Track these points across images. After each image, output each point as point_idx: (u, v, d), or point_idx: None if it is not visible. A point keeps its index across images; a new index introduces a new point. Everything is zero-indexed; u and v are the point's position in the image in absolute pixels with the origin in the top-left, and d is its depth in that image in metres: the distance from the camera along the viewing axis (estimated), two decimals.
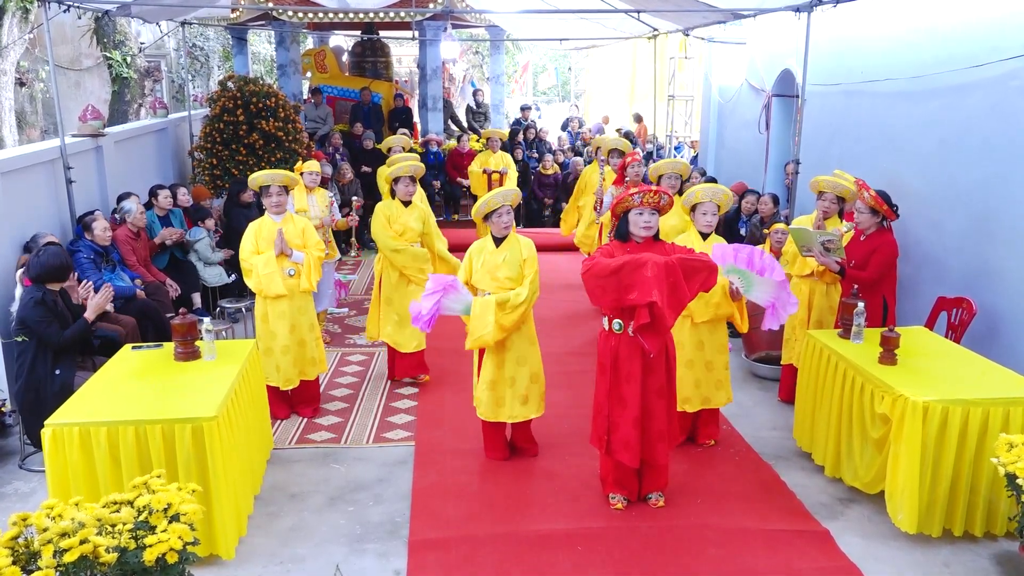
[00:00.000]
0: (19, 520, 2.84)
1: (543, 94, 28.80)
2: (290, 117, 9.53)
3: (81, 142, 7.45)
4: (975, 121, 5.71)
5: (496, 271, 4.72)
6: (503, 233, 4.77)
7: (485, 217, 4.77)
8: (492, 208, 4.72)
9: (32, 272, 4.91)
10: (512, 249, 4.75)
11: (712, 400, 5.09)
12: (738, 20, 8.84)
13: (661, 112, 12.86)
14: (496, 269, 4.72)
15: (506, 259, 4.73)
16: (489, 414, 4.85)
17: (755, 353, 6.52)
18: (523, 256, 4.74)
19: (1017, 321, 5.24)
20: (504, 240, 4.77)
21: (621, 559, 3.97)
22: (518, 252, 4.75)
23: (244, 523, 4.17)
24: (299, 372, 5.55)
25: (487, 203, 4.72)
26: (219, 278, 7.70)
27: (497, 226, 4.75)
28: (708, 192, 5.00)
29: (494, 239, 4.80)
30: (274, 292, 5.36)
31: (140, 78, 16.71)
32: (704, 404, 5.08)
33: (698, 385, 5.03)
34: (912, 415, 4.01)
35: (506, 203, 4.74)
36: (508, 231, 4.77)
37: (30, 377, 4.84)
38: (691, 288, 4.03)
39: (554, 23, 12.14)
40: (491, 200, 4.72)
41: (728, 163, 11.19)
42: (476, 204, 4.82)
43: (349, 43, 16.88)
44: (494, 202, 4.71)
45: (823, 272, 5.50)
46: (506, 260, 4.72)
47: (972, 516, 4.13)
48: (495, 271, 4.72)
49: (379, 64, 14.24)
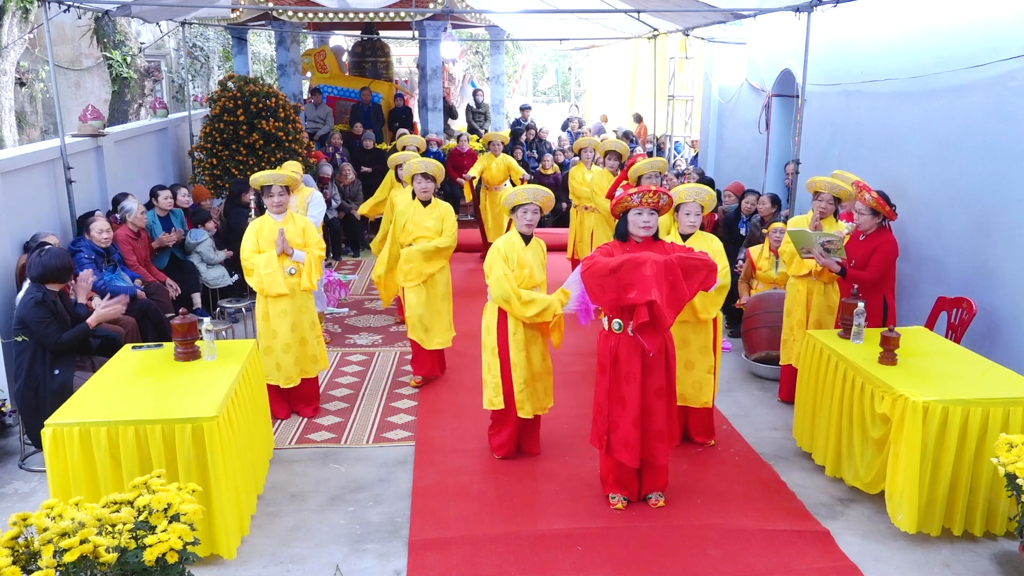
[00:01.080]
0: (19, 520, 2.84)
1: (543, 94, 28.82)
2: (290, 117, 9.52)
3: (81, 142, 7.45)
4: (975, 121, 5.71)
5: (530, 268, 4.80)
6: (525, 230, 4.83)
7: (512, 209, 4.82)
8: (521, 201, 4.78)
9: (33, 272, 4.90)
10: (536, 249, 4.89)
11: (689, 399, 5.05)
12: (738, 20, 8.84)
13: (661, 112, 12.86)
14: (529, 266, 4.80)
15: (533, 256, 4.84)
16: (530, 411, 4.86)
17: (755, 353, 6.52)
18: (544, 256, 4.92)
19: (1017, 321, 5.24)
20: (531, 239, 4.87)
21: (621, 559, 3.97)
22: (540, 252, 4.90)
23: (247, 523, 4.17)
24: (300, 371, 5.57)
25: (517, 195, 4.80)
26: (222, 280, 7.70)
27: (520, 221, 4.81)
28: (691, 192, 5.00)
29: (522, 236, 4.84)
30: (276, 291, 5.38)
31: (140, 78, 16.71)
32: (680, 402, 4.98)
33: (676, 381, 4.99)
34: (912, 415, 4.01)
35: (535, 202, 4.79)
36: (531, 230, 4.84)
37: (29, 377, 4.84)
38: (691, 287, 4.04)
39: (554, 23, 12.14)
40: (522, 193, 4.80)
41: (728, 163, 11.19)
42: (506, 193, 4.97)
43: (349, 43, 16.89)
44: (524, 196, 4.79)
45: (820, 272, 5.50)
46: (534, 257, 4.84)
47: (972, 516, 4.13)
48: (529, 268, 4.80)
49: (379, 64, 14.25)
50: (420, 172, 6.05)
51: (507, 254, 4.75)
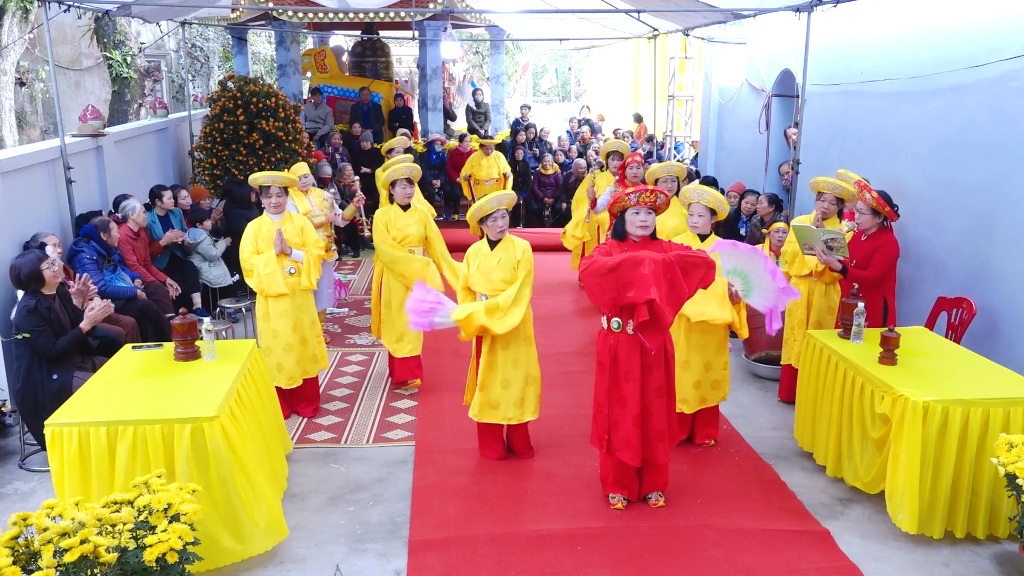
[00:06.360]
0: (19, 520, 2.84)
1: (543, 94, 28.82)
2: (290, 117, 9.52)
3: (81, 142, 7.45)
4: (975, 121, 5.71)
5: (491, 273, 4.75)
6: (498, 236, 4.80)
7: (480, 221, 4.79)
8: (487, 212, 4.75)
9: (13, 283, 4.92)
10: (506, 251, 4.78)
11: (709, 400, 5.10)
12: (738, 20, 8.84)
13: (661, 112, 12.87)
14: (491, 271, 4.75)
15: (500, 261, 4.75)
16: (481, 415, 4.85)
17: (755, 353, 6.52)
18: (516, 258, 4.76)
19: (1017, 321, 5.24)
20: (499, 243, 4.80)
21: (621, 559, 3.97)
22: (512, 254, 4.77)
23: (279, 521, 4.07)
24: (302, 371, 5.57)
25: (482, 208, 4.76)
26: (223, 279, 7.70)
27: (492, 230, 4.79)
28: (695, 194, 5.02)
29: (489, 242, 4.82)
30: (275, 291, 5.38)
31: (140, 78, 16.70)
32: (702, 404, 5.09)
33: (697, 386, 5.03)
34: (912, 415, 4.01)
35: (501, 207, 4.77)
36: (503, 235, 4.80)
37: (27, 381, 4.84)
38: (690, 285, 4.04)
39: (554, 23, 12.14)
40: (486, 205, 4.75)
41: (728, 163, 11.19)
42: (471, 208, 4.83)
43: (349, 43, 16.89)
44: (489, 207, 4.75)
45: (822, 272, 5.50)
46: (500, 262, 4.75)
47: (974, 518, 4.12)
48: (490, 273, 4.75)
49: (379, 64, 14.25)
50: (404, 177, 5.96)
51: (469, 259, 4.83)
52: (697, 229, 5.00)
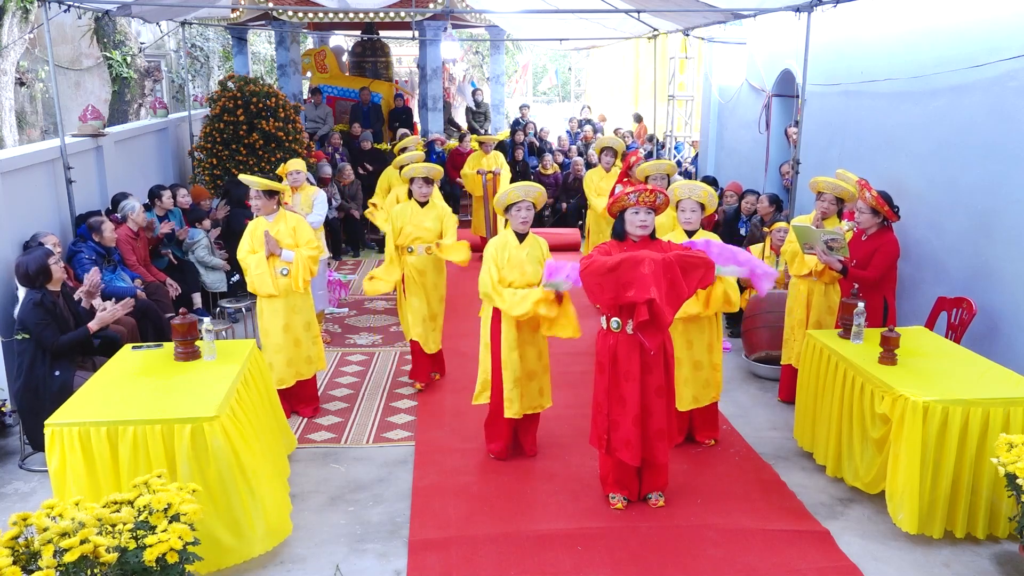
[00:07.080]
0: (19, 520, 2.84)
1: (543, 94, 28.81)
2: (290, 117, 9.52)
3: (81, 142, 7.45)
4: (975, 121, 5.71)
5: (523, 266, 4.77)
6: (520, 228, 4.82)
7: (505, 209, 4.82)
8: (512, 201, 4.78)
9: (19, 279, 4.92)
10: (533, 246, 4.83)
11: (701, 399, 5.08)
12: (738, 20, 8.84)
13: (661, 112, 12.86)
14: (523, 264, 4.77)
15: (529, 254, 4.79)
16: (518, 411, 4.84)
17: (755, 353, 6.52)
18: (545, 253, 4.85)
19: (1017, 321, 5.24)
20: (526, 236, 4.83)
21: (621, 559, 3.97)
22: (539, 249, 4.85)
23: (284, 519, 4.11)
24: (295, 372, 5.56)
25: (508, 194, 4.79)
26: (219, 284, 7.70)
27: (515, 220, 4.80)
28: (686, 190, 5.02)
29: (517, 235, 4.83)
30: (265, 292, 5.42)
31: (140, 78, 16.69)
32: (694, 403, 5.07)
33: (686, 383, 5.01)
34: (912, 415, 4.01)
35: (527, 199, 4.79)
36: (526, 227, 4.82)
37: (29, 377, 4.84)
38: (689, 284, 4.05)
39: (554, 23, 12.14)
40: (512, 193, 4.79)
41: (728, 163, 11.19)
42: (497, 195, 4.90)
43: (349, 43, 16.88)
44: (515, 195, 4.78)
45: (822, 272, 5.50)
46: (529, 255, 4.79)
47: (974, 518, 4.12)
48: (523, 266, 4.77)
49: (379, 64, 14.25)
50: (422, 176, 6.05)
51: (497, 253, 4.77)
52: (690, 225, 5.00)
